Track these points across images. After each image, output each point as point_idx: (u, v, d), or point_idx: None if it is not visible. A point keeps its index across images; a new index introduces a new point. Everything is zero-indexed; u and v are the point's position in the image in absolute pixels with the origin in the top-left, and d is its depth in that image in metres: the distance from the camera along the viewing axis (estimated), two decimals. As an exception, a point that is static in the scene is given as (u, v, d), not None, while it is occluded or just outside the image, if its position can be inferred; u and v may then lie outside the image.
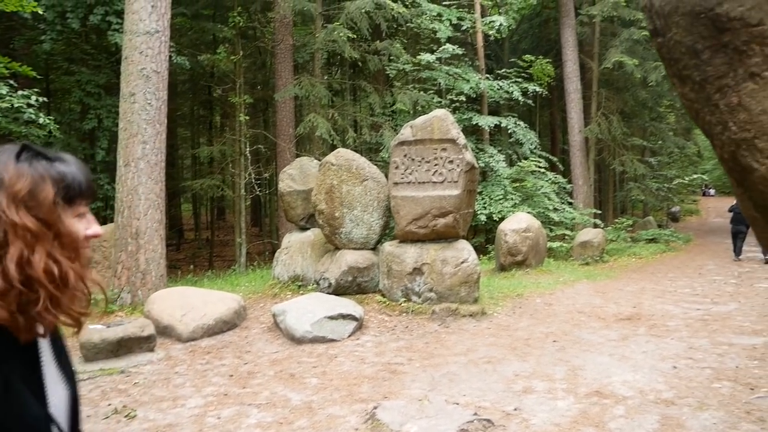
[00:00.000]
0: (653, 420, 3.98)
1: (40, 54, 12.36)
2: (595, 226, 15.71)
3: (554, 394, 4.55)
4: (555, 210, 15.02)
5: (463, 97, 14.88)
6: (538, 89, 16.02)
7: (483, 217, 13.92)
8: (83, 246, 1.08)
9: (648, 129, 21.59)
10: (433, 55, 14.27)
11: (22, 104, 8.76)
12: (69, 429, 1.12)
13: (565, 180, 17.00)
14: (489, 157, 15.06)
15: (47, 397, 1.07)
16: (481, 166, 14.70)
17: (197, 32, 17.07)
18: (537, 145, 16.34)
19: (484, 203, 14.37)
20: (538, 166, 15.23)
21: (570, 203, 16.67)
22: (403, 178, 7.43)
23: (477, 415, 4.10)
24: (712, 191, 43.92)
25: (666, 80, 16.42)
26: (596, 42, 18.60)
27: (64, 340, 1.19)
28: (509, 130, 15.98)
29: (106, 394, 4.76)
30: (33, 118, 9.08)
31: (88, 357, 5.52)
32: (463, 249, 7.41)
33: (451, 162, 7.24)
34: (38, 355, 1.08)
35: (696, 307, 8.07)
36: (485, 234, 16.32)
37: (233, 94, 14.90)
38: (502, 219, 13.03)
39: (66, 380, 1.13)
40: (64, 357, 1.16)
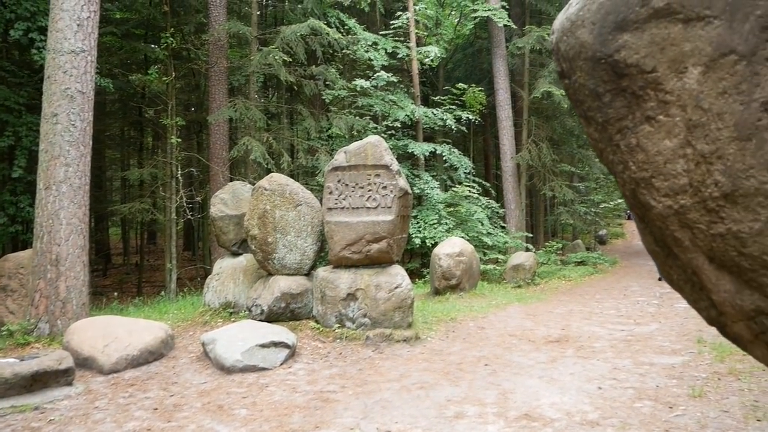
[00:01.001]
0: (577, 441, 4.07)
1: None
2: (527, 249, 16.17)
3: (485, 419, 4.60)
4: (488, 234, 15.36)
5: (398, 123, 15.10)
6: (471, 117, 16.47)
7: (418, 241, 14.07)
8: None
9: (576, 156, 22.50)
10: (368, 81, 14.44)
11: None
12: None
13: (498, 205, 17.44)
14: (424, 183, 15.30)
15: None
16: (416, 192, 14.91)
17: (128, 52, 16.63)
18: (471, 171, 16.74)
19: (419, 227, 14.54)
20: (471, 191, 15.57)
21: (503, 227, 17.11)
22: (336, 204, 7.42)
23: (408, 443, 4.08)
24: (635, 215, 46.00)
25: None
26: (526, 72, 19.36)
27: None
28: (444, 157, 16.31)
29: (16, 435, 4.45)
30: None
31: (-3, 394, 5.16)
32: (397, 274, 7.45)
33: (384, 188, 7.30)
34: None
35: (620, 328, 8.38)
36: (421, 258, 16.48)
37: (165, 116, 14.54)
38: (436, 244, 13.21)
39: None
40: None
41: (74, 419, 4.76)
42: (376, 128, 14.91)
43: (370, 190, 7.33)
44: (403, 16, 15.85)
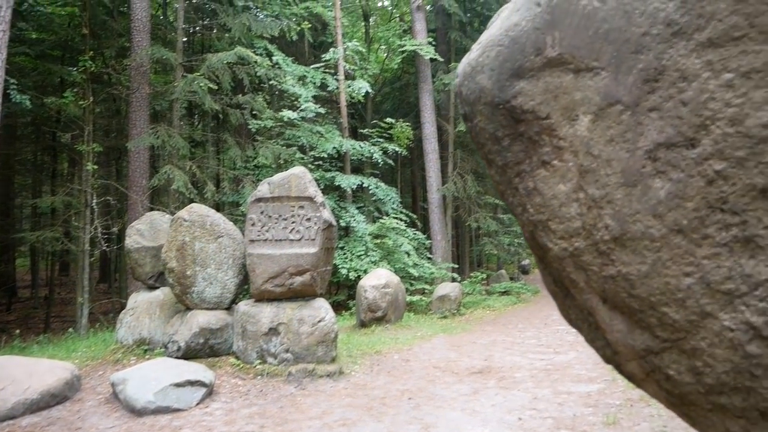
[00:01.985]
0: (495, 475, 4.09)
1: None
2: (453, 280, 16.41)
3: (405, 455, 4.54)
4: (415, 265, 15.48)
5: (325, 154, 15.10)
6: (398, 149, 16.72)
7: (344, 272, 13.99)
8: None
9: (499, 188, 23.17)
10: (295, 113, 14.41)
11: None
12: None
13: (424, 236, 17.66)
14: (350, 216, 15.31)
15: None
16: (343, 224, 14.89)
17: (42, 74, 15.86)
18: (398, 203, 16.91)
19: (345, 257, 14.47)
20: (398, 223, 15.71)
21: (429, 258, 17.31)
22: (259, 236, 7.28)
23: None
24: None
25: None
26: (451, 107, 19.94)
27: None
28: (370, 190, 16.42)
29: None
30: None
31: None
32: (321, 308, 7.34)
33: (308, 220, 7.23)
34: None
35: (540, 357, 8.58)
36: (348, 290, 16.39)
37: (81, 142, 13.89)
38: (362, 275, 13.18)
39: None
40: None
41: (-41, 473, 4.33)
42: (303, 158, 14.84)
43: (293, 222, 7.24)
44: (333, 51, 16.01)
